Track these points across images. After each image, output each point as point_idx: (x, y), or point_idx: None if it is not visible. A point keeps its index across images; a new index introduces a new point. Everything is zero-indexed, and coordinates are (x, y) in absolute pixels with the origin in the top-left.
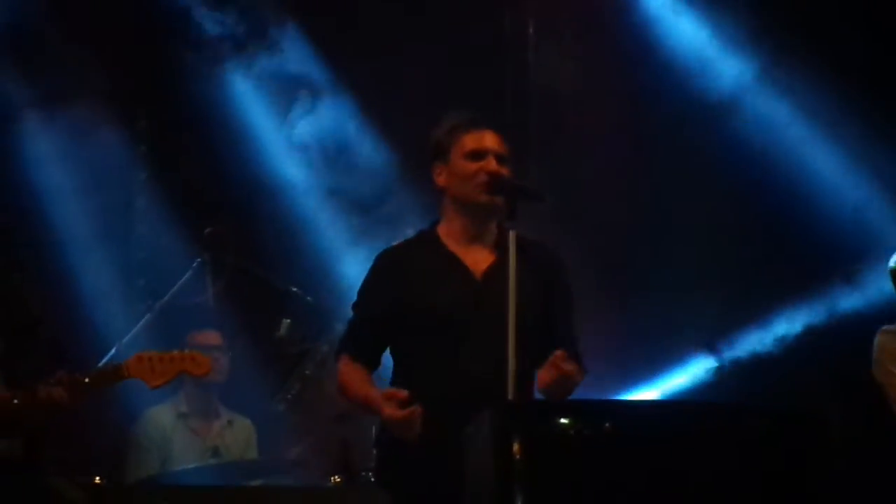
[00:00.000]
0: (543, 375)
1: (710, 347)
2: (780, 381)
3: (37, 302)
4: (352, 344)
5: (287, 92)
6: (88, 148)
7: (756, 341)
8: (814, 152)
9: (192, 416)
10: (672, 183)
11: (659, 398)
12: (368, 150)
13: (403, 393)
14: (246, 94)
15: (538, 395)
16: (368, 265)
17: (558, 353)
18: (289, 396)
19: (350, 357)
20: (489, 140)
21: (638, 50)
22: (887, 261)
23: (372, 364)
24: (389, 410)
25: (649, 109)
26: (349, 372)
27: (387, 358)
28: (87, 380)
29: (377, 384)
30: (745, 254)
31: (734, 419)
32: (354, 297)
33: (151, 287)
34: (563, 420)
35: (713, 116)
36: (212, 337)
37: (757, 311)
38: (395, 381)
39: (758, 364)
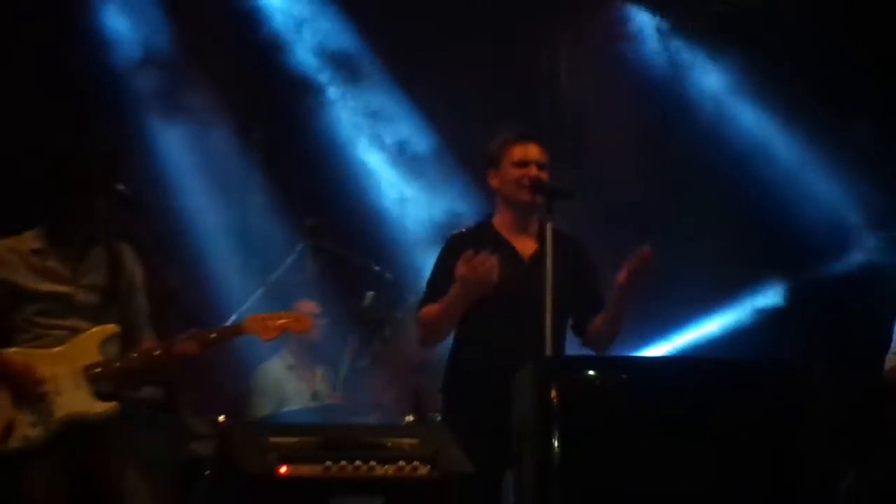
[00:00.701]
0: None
1: None
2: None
3: (175, 276)
4: (428, 302)
5: (372, 115)
6: (215, 156)
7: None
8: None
9: (298, 367)
10: (676, 180)
11: (666, 354)
12: (436, 158)
13: (469, 253)
14: (340, 117)
15: (568, 352)
16: (437, 249)
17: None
18: (371, 354)
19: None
20: (533, 151)
21: (648, 77)
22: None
23: None
24: (464, 268)
25: (658, 124)
26: (431, 308)
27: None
28: (212, 335)
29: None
30: (736, 239)
31: (728, 372)
32: (426, 274)
33: (263, 266)
34: (590, 372)
35: (708, 132)
36: (311, 306)
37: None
38: (457, 341)
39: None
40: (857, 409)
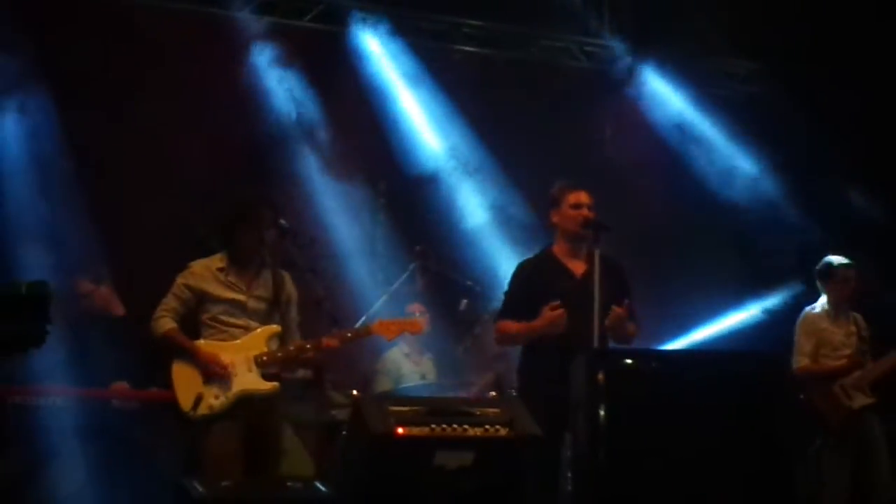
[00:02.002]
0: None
1: None
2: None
3: (321, 289)
4: (505, 314)
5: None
6: (353, 201)
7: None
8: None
9: (412, 354)
10: (690, 217)
11: (685, 348)
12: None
13: (556, 304)
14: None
15: (612, 345)
16: (511, 269)
17: (615, 308)
18: (464, 346)
19: (506, 320)
20: (584, 197)
21: (670, 140)
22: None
23: None
24: (548, 313)
25: (677, 176)
26: (509, 324)
27: None
28: (349, 334)
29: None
30: (738, 260)
31: (728, 360)
32: (505, 288)
33: (386, 280)
34: (627, 360)
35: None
36: (418, 307)
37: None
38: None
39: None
40: None
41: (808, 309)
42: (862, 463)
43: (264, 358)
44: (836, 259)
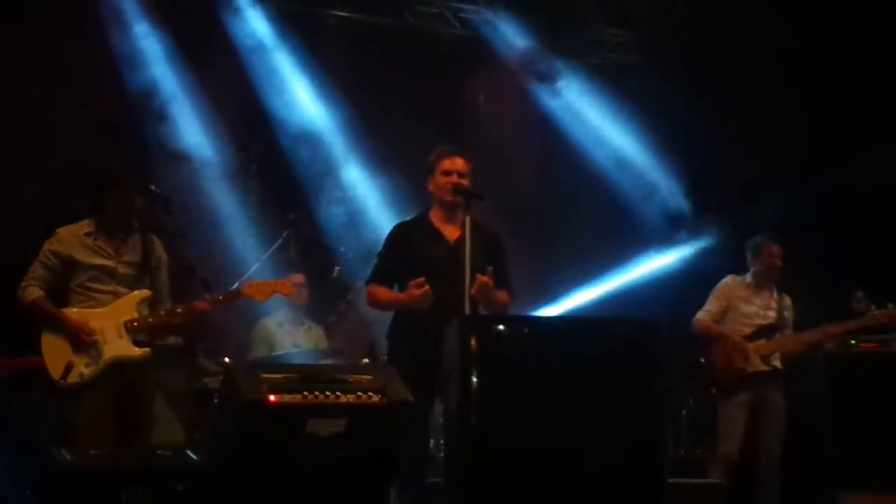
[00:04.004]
0: (472, 290)
1: None
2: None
3: (193, 256)
4: (376, 277)
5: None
6: (225, 166)
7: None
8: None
9: (286, 323)
10: (564, 186)
11: (557, 314)
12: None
13: (421, 280)
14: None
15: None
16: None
17: (479, 277)
18: (337, 312)
19: (376, 284)
20: (459, 163)
21: (545, 109)
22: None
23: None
24: (413, 291)
25: (552, 145)
26: (377, 289)
27: None
28: (220, 297)
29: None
30: (607, 226)
31: (601, 326)
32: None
33: (260, 247)
34: (500, 326)
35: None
36: (299, 278)
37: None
38: None
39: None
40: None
41: (728, 277)
42: (757, 425)
43: (134, 324)
44: (765, 236)
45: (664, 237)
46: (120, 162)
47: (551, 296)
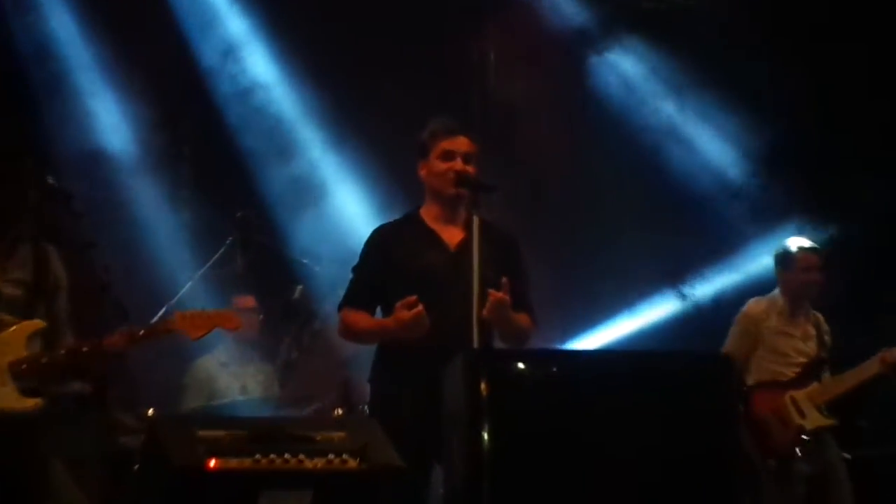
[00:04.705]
0: (486, 310)
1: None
2: None
3: (105, 270)
4: (352, 299)
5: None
6: (150, 151)
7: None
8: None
9: (231, 363)
10: (602, 174)
11: (590, 348)
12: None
13: (413, 298)
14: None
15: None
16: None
17: (492, 292)
18: (301, 347)
19: (351, 309)
20: (460, 144)
21: (572, 72)
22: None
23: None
24: (402, 314)
25: (580, 119)
26: (353, 315)
27: None
28: (141, 332)
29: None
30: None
31: (655, 361)
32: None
33: (196, 258)
34: (520, 364)
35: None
36: (248, 301)
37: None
38: None
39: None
40: None
41: (751, 301)
42: (817, 498)
43: (23, 366)
44: (797, 242)
45: (739, 241)
46: (7, 143)
47: (587, 322)
